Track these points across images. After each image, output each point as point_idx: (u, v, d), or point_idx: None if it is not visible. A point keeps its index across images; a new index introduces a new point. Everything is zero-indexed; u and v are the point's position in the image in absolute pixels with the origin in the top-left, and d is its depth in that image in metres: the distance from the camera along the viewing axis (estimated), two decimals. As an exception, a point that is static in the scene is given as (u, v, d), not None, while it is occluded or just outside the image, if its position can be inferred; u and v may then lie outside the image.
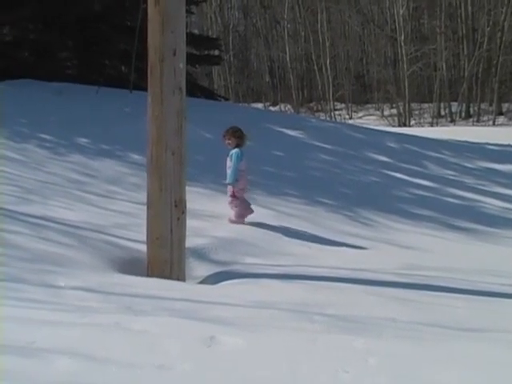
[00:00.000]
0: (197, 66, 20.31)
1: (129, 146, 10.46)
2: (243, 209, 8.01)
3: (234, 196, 7.99)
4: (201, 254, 6.64)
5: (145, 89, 6.04)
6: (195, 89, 16.80)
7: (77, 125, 11.12)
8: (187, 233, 5.97)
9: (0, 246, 5.53)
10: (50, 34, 15.45)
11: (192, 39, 8.27)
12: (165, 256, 5.73)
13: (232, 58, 44.81)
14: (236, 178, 7.97)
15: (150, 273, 5.76)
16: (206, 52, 19.58)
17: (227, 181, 8.00)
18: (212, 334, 3.63)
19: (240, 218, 7.93)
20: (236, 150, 8.02)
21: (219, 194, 8.94)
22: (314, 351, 3.55)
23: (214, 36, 34.45)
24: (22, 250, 5.59)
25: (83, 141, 10.66)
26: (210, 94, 18.88)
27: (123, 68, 17.11)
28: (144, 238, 5.97)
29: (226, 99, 25.84)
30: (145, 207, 5.98)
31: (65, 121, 11.22)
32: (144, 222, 6.01)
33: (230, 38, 44.30)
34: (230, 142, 8.09)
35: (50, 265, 5.32)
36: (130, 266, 5.89)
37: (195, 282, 5.94)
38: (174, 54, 5.65)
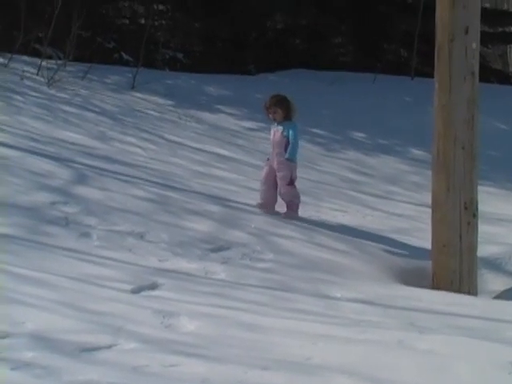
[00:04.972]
0: (489, 45, 19.78)
1: (410, 141, 10.46)
2: (298, 198, 7.04)
3: (291, 184, 6.94)
4: (495, 265, 6.45)
5: (429, 75, 6.02)
6: (488, 73, 16.34)
7: (352, 118, 11.33)
8: (479, 239, 5.83)
9: (270, 252, 5.78)
10: (323, 18, 15.84)
11: (485, 14, 8.05)
12: (453, 266, 5.65)
13: (531, 35, 43.05)
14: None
15: (435, 284, 5.72)
16: (501, 29, 19.00)
17: (288, 156, 6.86)
18: (513, 359, 3.51)
19: (297, 212, 7.01)
20: (289, 123, 7.01)
21: (517, 194, 8.67)
22: None
23: (511, 10, 33.30)
24: (293, 256, 5.81)
25: (359, 135, 10.85)
26: (504, 79, 18.30)
27: (403, 52, 17.10)
28: (428, 244, 5.94)
29: (526, 84, 24.87)
30: (428, 210, 5.96)
31: (339, 114, 11.48)
32: (427, 226, 5.98)
33: (530, 12, 42.59)
34: (275, 114, 7.04)
35: (323, 273, 5.48)
36: (411, 276, 5.88)
37: (489, 296, 5.80)
38: (466, 33, 5.55)
